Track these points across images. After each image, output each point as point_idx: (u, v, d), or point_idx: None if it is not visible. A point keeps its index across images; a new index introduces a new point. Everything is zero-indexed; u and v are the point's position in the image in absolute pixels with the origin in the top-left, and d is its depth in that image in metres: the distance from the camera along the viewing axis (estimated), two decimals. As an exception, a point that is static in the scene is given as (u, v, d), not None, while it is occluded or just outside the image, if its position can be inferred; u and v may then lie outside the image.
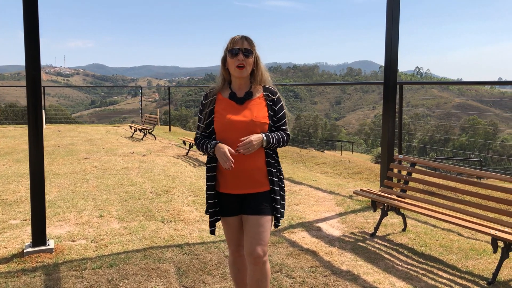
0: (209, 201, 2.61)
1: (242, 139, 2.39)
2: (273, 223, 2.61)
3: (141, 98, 17.84)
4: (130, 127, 14.38)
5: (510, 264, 3.75)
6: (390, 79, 5.47)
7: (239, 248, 2.72)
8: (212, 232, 2.66)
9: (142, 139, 12.97)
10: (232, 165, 2.37)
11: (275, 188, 2.54)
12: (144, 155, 9.80)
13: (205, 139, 2.55)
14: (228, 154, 2.37)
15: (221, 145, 2.42)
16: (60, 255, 3.94)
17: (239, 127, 2.46)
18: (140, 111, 17.51)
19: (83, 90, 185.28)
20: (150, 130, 13.10)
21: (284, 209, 2.70)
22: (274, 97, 2.58)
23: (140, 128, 13.24)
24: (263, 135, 2.45)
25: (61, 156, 9.46)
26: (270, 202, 2.56)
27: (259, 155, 2.52)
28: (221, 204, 2.62)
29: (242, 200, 2.58)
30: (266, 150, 2.53)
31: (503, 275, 3.57)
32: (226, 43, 2.53)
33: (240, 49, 2.46)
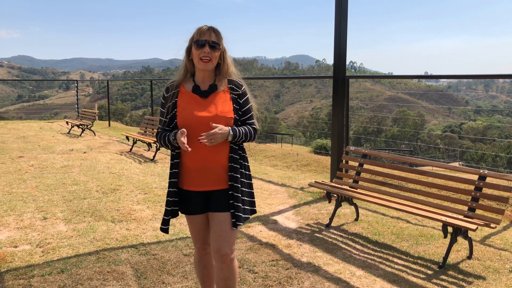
0: (168, 199, 2.51)
1: (210, 132, 2.29)
2: (231, 222, 2.45)
3: (77, 92, 16.96)
4: (67, 122, 13.62)
5: (457, 247, 3.98)
6: (340, 72, 5.58)
7: (205, 246, 2.66)
8: (165, 230, 2.54)
9: (80, 135, 12.33)
10: (188, 147, 2.27)
11: (236, 185, 2.43)
12: (84, 152, 9.32)
13: (167, 132, 2.44)
14: (181, 137, 2.27)
15: (179, 131, 2.32)
16: (3, 263, 3.64)
17: (204, 122, 2.36)
18: (76, 105, 16.65)
19: (8, 84, 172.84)
20: (89, 126, 12.48)
21: (250, 207, 2.59)
22: (240, 90, 2.49)
23: (78, 123, 12.57)
24: (230, 128, 2.36)
25: (-9, 155, 8.76)
26: (228, 199, 2.45)
27: (223, 151, 2.43)
28: (186, 202, 2.53)
29: (208, 198, 2.50)
30: (231, 145, 2.44)
31: (451, 258, 3.79)
32: (192, 33, 2.43)
33: (207, 41, 2.37)
